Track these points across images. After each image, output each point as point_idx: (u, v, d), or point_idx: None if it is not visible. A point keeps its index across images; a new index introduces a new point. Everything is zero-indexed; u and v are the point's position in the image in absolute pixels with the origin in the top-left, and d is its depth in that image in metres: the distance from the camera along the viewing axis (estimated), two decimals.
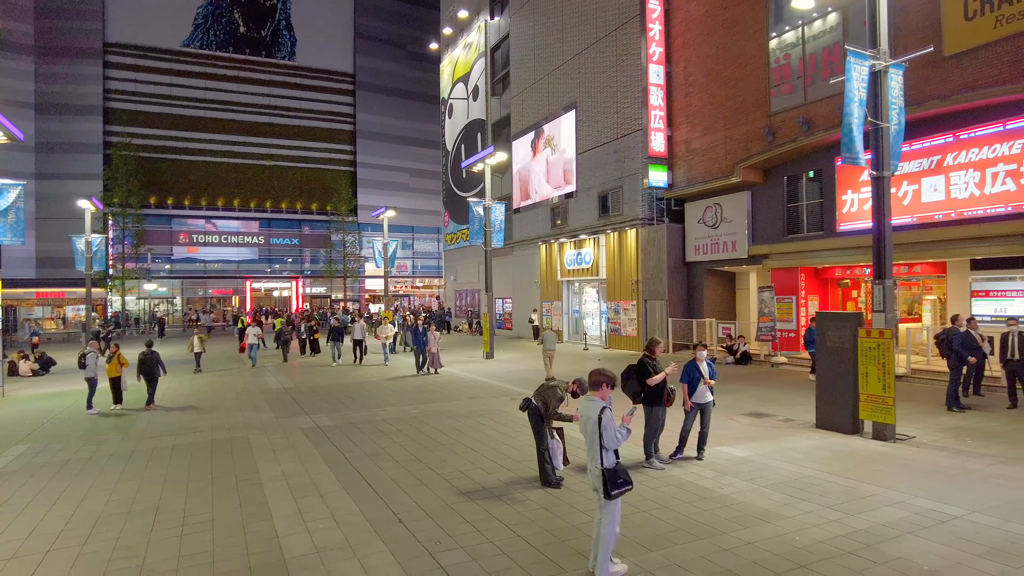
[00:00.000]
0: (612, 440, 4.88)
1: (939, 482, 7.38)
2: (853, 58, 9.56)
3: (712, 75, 20.95)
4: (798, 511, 6.47)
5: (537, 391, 8.04)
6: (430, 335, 18.52)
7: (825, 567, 5.16)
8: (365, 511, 6.77)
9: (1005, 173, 14.04)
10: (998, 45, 13.68)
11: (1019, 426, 10.23)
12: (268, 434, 10.78)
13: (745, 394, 13.98)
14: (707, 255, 22.03)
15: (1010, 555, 5.33)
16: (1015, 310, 14.79)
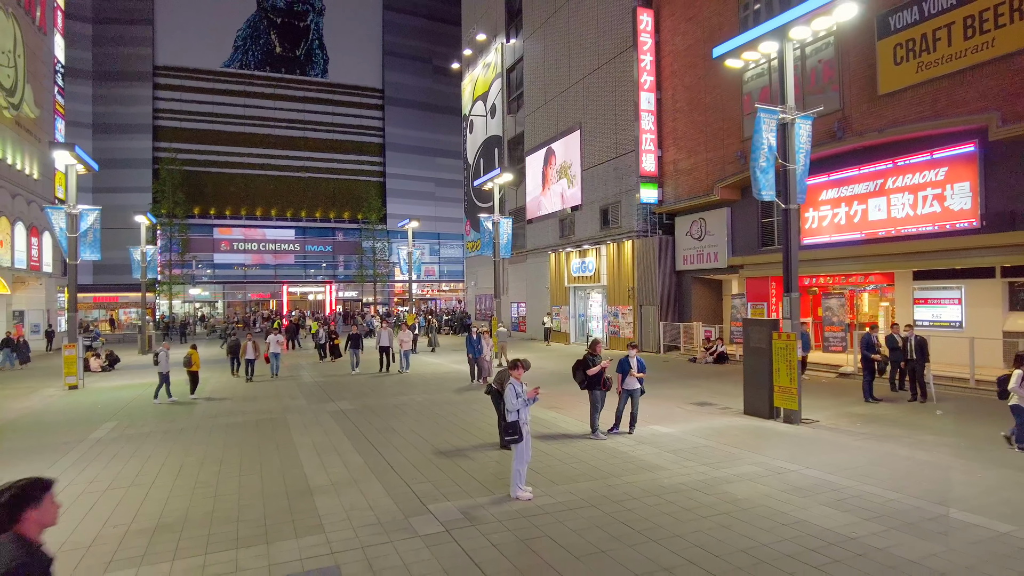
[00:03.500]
0: (511, 405, 7.41)
1: (806, 450, 9.69)
2: (763, 113, 11.86)
3: (694, 103, 23.23)
4: (679, 466, 8.88)
5: (496, 377, 10.55)
6: (484, 342, 17.75)
7: (671, 496, 7.59)
8: (369, 463, 9.40)
9: (933, 196, 16.11)
10: (920, 87, 15.78)
11: (908, 414, 12.40)
12: (301, 415, 13.52)
13: (704, 388, 16.26)
14: (694, 265, 24.28)
15: (807, 491, 7.67)
16: (948, 316, 16.83)
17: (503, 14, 39.35)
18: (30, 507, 2.77)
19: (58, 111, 37.71)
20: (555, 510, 7.11)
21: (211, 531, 6.76)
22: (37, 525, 2.78)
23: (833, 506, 7.10)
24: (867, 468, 8.59)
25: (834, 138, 18.03)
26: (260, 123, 58.84)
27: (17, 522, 2.73)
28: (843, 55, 17.95)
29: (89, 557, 6.13)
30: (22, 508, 2.75)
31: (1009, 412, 9.52)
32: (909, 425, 11.37)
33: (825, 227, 19.00)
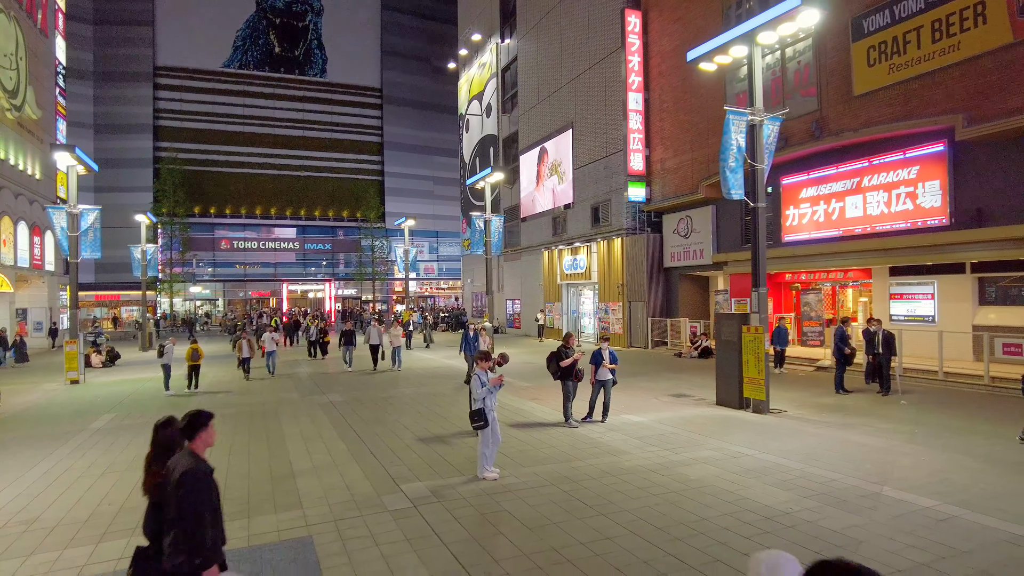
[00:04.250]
0: (477, 394, 7.96)
1: (766, 437, 10.21)
2: (732, 115, 12.36)
3: (680, 103, 23.72)
4: (641, 451, 9.41)
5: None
6: (481, 340, 17.69)
7: (628, 476, 8.12)
8: (351, 449, 9.95)
9: (906, 194, 16.60)
10: (892, 88, 16.27)
11: (874, 405, 12.91)
12: (292, 407, 14.07)
13: (683, 380, 16.78)
14: (681, 262, 24.79)
15: (756, 473, 8.19)
16: (922, 310, 17.34)
17: (498, 14, 39.83)
18: (202, 430, 3.98)
19: (59, 112, 38.30)
20: (517, 488, 7.65)
21: None
22: (203, 443, 3.98)
23: (778, 486, 7.62)
24: (819, 453, 9.12)
25: (812, 137, 18.52)
26: (260, 123, 59.40)
27: (192, 440, 3.96)
28: (820, 57, 18.44)
29: (85, 530, 6.68)
30: (196, 430, 3.97)
31: (973, 402, 10.03)
32: (872, 415, 11.88)
33: (805, 224, 19.49)
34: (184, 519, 3.66)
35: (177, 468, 3.80)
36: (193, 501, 3.69)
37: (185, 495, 3.67)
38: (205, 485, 3.79)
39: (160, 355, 17.20)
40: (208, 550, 3.72)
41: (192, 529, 3.66)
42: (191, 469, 3.75)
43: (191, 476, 3.73)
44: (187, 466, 3.76)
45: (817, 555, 5.56)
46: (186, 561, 3.66)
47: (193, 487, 3.71)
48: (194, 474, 3.75)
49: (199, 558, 3.68)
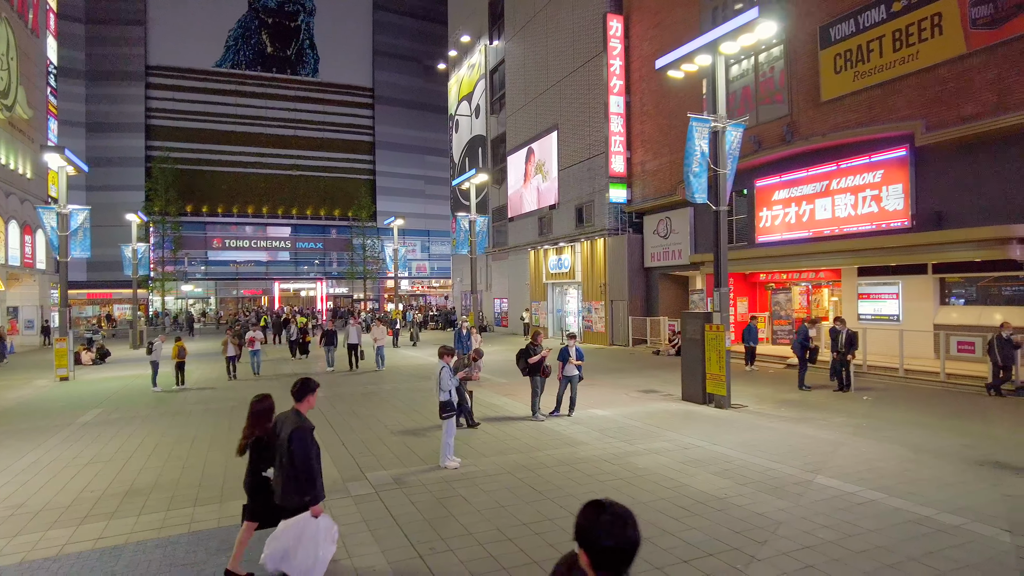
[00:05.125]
0: (445, 385, 8.46)
1: (721, 430, 10.75)
2: (695, 122, 12.88)
3: (659, 107, 24.26)
4: (600, 442, 9.94)
5: (454, 366, 11.58)
6: (473, 339, 17.67)
7: (581, 465, 8.65)
8: (324, 440, 10.40)
9: (871, 197, 17.17)
10: (857, 95, 16.84)
11: (834, 400, 13.46)
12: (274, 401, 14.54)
13: (656, 377, 17.32)
14: (661, 262, 25.34)
15: (702, 463, 8.72)
16: (888, 310, 17.91)
17: (487, 16, 40.27)
18: (310, 394, 5.14)
19: (51, 111, 38.60)
20: (475, 476, 8.17)
21: (175, 494, 7.80)
22: (307, 406, 5.11)
23: (718, 474, 8.16)
24: (767, 445, 9.65)
25: (784, 141, 19.08)
26: (252, 122, 59.71)
27: (300, 402, 5.09)
28: (791, 63, 18.99)
29: (67, 514, 7.16)
30: (305, 394, 5.12)
31: (926, 397, 10.57)
32: (829, 409, 12.42)
33: (778, 226, 20.05)
34: (295, 466, 4.75)
35: (286, 426, 4.93)
36: (303, 451, 4.77)
37: (296, 447, 4.75)
38: (310, 438, 4.87)
39: (148, 352, 17.66)
40: (316, 490, 4.84)
41: (302, 473, 4.75)
42: (299, 427, 4.85)
43: (299, 432, 4.82)
44: (295, 424, 4.88)
45: (738, 535, 6.14)
46: (298, 498, 4.78)
47: (301, 440, 4.79)
48: (301, 431, 4.84)
49: (309, 495, 4.78)
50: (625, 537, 1.89)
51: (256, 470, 5.37)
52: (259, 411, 5.50)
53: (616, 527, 1.90)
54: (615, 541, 1.88)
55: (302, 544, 4.73)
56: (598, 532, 1.91)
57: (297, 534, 4.76)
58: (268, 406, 5.55)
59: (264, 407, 5.52)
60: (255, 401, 5.58)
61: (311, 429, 4.92)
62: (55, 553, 6.04)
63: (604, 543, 1.89)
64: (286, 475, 4.85)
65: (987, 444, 9.41)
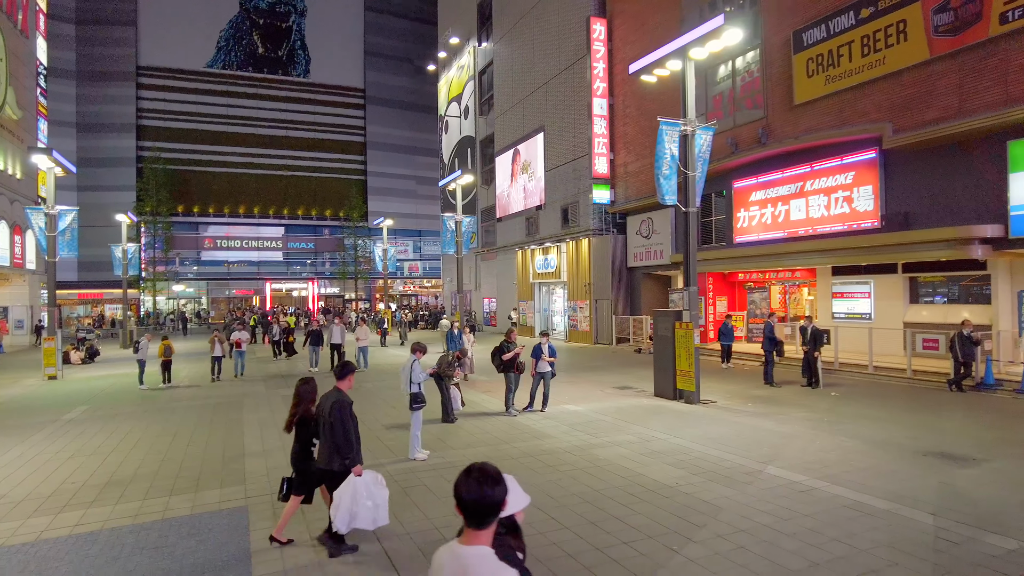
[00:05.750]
0: (417, 377, 8.84)
1: (686, 424, 11.13)
2: (665, 126, 13.26)
3: (641, 109, 24.66)
4: (567, 436, 10.32)
5: (438, 362, 11.95)
6: (465, 338, 17.82)
7: (544, 456, 9.02)
8: None
9: (843, 198, 17.60)
10: (829, 98, 17.28)
11: (801, 396, 13.86)
12: (256, 399, 14.88)
13: (633, 374, 17.71)
14: (643, 261, 25.75)
15: (660, 454, 9.11)
16: (860, 308, 18.36)
17: (475, 18, 40.61)
18: (350, 375, 6.14)
19: (41, 112, 38.76)
20: (440, 467, 8.53)
21: (152, 484, 8.14)
22: (347, 384, 6.07)
23: (674, 465, 8.54)
24: (727, 438, 10.04)
25: (760, 143, 19.49)
26: (243, 122, 59.86)
27: (341, 380, 6.04)
28: (767, 67, 19.42)
29: (47, 503, 7.49)
30: (346, 375, 6.11)
31: (891, 393, 10.97)
32: (795, 405, 12.81)
33: (754, 226, 20.47)
34: (336, 434, 5.67)
35: (329, 400, 5.81)
36: (343, 421, 5.67)
37: (337, 417, 5.66)
38: (349, 410, 5.78)
39: (135, 351, 17.96)
40: (355, 453, 5.77)
41: (342, 439, 5.66)
42: (340, 400, 5.79)
43: (340, 404, 5.74)
44: (336, 399, 5.80)
45: (680, 519, 6.51)
46: (339, 461, 5.69)
47: (341, 412, 5.70)
48: (341, 404, 5.75)
49: (348, 458, 5.70)
50: (481, 493, 2.25)
51: (304, 444, 6.11)
52: (303, 391, 6.24)
53: (474, 485, 2.26)
54: (473, 496, 2.24)
55: (358, 501, 5.58)
56: (461, 489, 2.27)
57: (352, 494, 5.59)
58: (312, 387, 6.31)
59: (308, 388, 6.27)
60: (300, 383, 6.34)
61: (350, 403, 5.85)
62: (33, 539, 6.37)
63: (465, 497, 2.25)
64: (329, 442, 5.75)
65: (936, 436, 9.82)
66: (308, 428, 6.11)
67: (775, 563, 5.42)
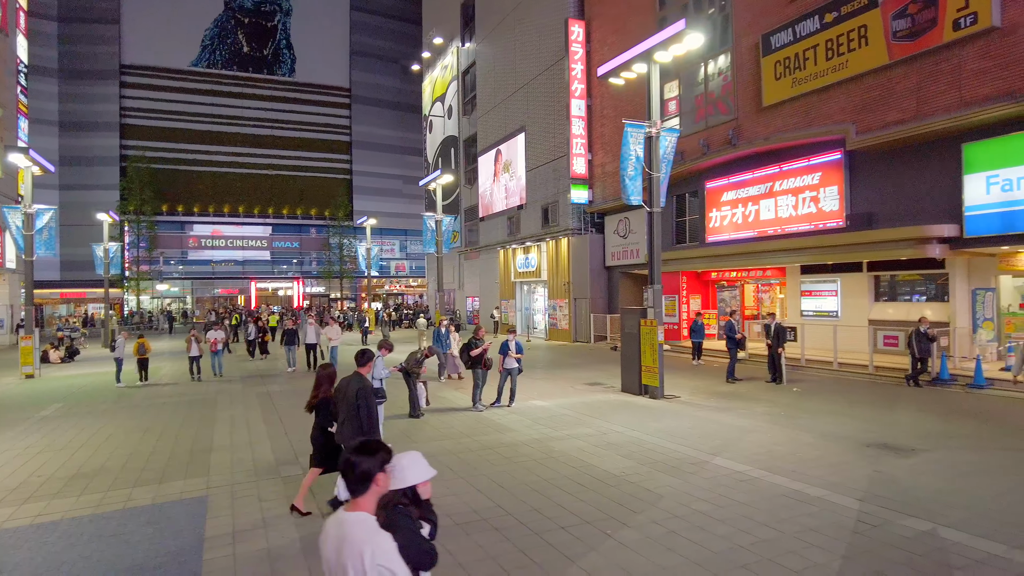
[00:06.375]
0: (379, 374, 9.10)
1: (646, 418, 11.44)
2: (629, 128, 13.57)
3: (617, 110, 24.99)
4: (528, 429, 10.60)
5: (406, 359, 12.21)
6: (452, 337, 17.33)
7: (502, 449, 9.30)
8: (270, 431, 11.01)
9: (810, 198, 18.00)
10: (796, 100, 17.68)
11: (763, 391, 14.21)
12: (230, 396, 15.07)
13: (605, 371, 18.02)
14: (621, 261, 26.10)
15: (614, 446, 9.40)
16: (828, 306, 18.77)
17: (459, 18, 40.81)
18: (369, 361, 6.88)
19: (21, 110, 38.55)
20: None
21: (117, 477, 8.34)
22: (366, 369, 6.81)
23: (626, 456, 8.84)
24: (683, 431, 10.36)
25: (730, 144, 19.87)
26: (229, 121, 59.73)
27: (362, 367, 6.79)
28: (737, 70, 19.80)
29: (13, 495, 7.68)
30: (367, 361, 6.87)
31: (852, 388, 11.31)
32: (756, 400, 13.15)
33: (726, 226, 20.84)
34: (359, 415, 6.25)
35: (351, 385, 6.41)
36: (365, 403, 6.28)
37: (360, 400, 6.26)
38: (371, 395, 6.39)
39: (112, 350, 18.07)
40: (376, 433, 6.41)
41: (365, 421, 6.26)
42: (364, 386, 6.40)
43: (363, 390, 6.34)
44: (360, 384, 6.41)
45: (620, 507, 6.80)
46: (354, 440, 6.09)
47: (365, 397, 6.30)
48: (364, 389, 6.36)
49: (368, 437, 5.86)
50: (348, 463, 2.63)
51: (323, 425, 6.78)
52: (323, 376, 6.98)
53: (345, 455, 2.62)
54: (343, 466, 2.62)
55: None
56: (340, 460, 2.60)
57: None
58: (331, 372, 7.04)
59: (328, 373, 7.01)
60: (320, 368, 7.11)
61: (371, 387, 6.52)
62: None
63: (340, 467, 2.58)
64: (352, 422, 6.31)
65: (883, 429, 10.18)
66: (327, 409, 6.78)
67: (701, 546, 5.72)
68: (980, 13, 13.30)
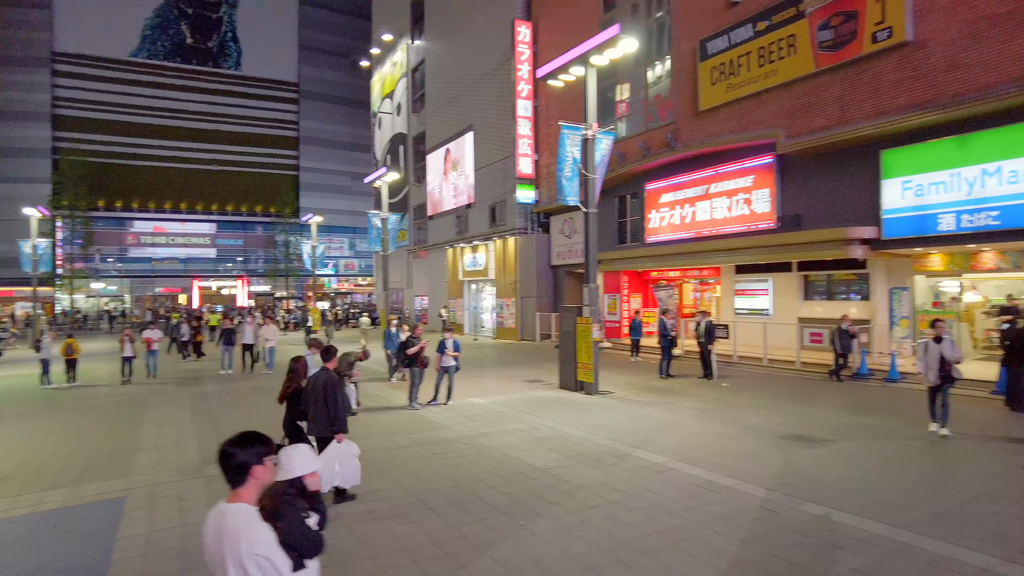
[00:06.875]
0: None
1: (578, 414, 11.68)
2: (567, 130, 13.81)
3: (562, 111, 25.27)
4: (462, 426, 10.71)
5: (339, 360, 12.11)
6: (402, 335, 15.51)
7: (432, 446, 9.39)
8: (198, 431, 10.83)
9: (743, 200, 18.62)
10: (730, 105, 18.26)
11: (694, 387, 14.65)
12: (162, 396, 14.71)
13: (547, 368, 18.22)
14: (566, 260, 26.45)
15: (542, 441, 9.60)
16: (760, 305, 19.45)
17: (409, 15, 40.57)
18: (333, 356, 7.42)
19: None
20: None
21: (30, 481, 8.09)
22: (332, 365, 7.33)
23: (552, 450, 9.04)
24: (612, 425, 10.63)
25: (669, 147, 20.38)
26: (171, 115, 57.92)
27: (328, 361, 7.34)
28: (676, 74, 20.32)
29: None
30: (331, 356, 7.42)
31: (779, 384, 11.73)
32: (687, 395, 13.54)
33: (664, 226, 21.37)
34: (328, 406, 6.69)
35: (320, 377, 6.87)
36: (333, 394, 6.72)
37: (328, 391, 6.70)
38: (339, 386, 6.88)
39: (37, 351, 17.38)
40: (341, 422, 6.79)
41: (333, 411, 6.70)
42: (332, 378, 6.88)
43: (332, 382, 6.81)
44: (328, 377, 6.88)
45: (539, 498, 6.96)
46: (329, 429, 6.72)
47: (333, 388, 6.76)
48: (333, 381, 6.84)
49: (335, 426, 6.74)
50: (221, 453, 2.78)
51: (293, 417, 7.19)
52: (296, 368, 7.37)
53: (221, 446, 2.70)
54: (219, 457, 2.71)
55: (339, 461, 6.65)
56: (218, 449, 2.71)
57: (333, 457, 6.62)
58: (303, 365, 7.44)
59: (300, 366, 7.40)
60: (293, 360, 7.50)
61: (337, 379, 6.97)
62: None
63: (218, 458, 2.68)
64: (321, 413, 6.74)
65: (802, 422, 10.66)
66: (298, 400, 7.13)
67: (610, 534, 5.93)
68: (895, 28, 14.03)
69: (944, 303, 16.29)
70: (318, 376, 6.95)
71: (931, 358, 9.46)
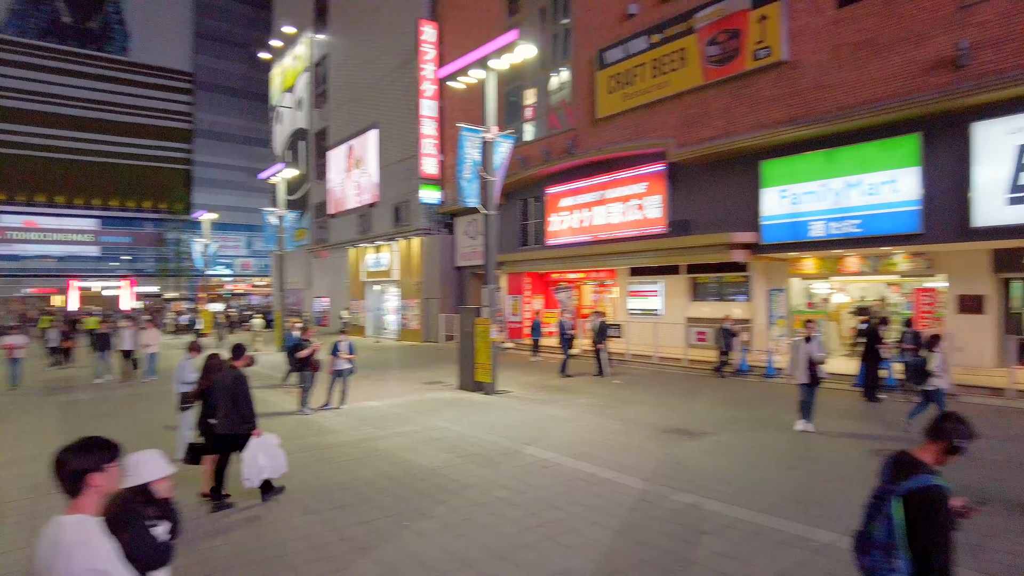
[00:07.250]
0: (186, 377, 8.63)
1: (473, 414, 11.75)
2: (466, 132, 13.90)
3: (466, 113, 25.33)
4: (354, 430, 10.53)
5: None
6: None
7: (324, 451, 9.18)
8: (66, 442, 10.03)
9: (637, 205, 19.38)
10: (626, 114, 19.00)
11: (589, 385, 15.09)
12: (26, 405, 13.55)
13: (448, 370, 18.06)
14: (470, 261, 26.54)
15: (435, 442, 9.60)
16: (652, 305, 20.27)
17: (312, 8, 39.40)
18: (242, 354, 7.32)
19: None
20: None
21: None
22: (243, 363, 7.24)
23: (445, 450, 9.06)
24: (506, 424, 10.78)
25: (568, 153, 20.91)
26: (44, 99, 53.34)
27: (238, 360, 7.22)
28: (576, 82, 20.89)
29: None
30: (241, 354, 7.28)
31: (667, 380, 12.21)
32: (581, 393, 13.94)
33: (564, 230, 21.90)
34: (238, 403, 6.72)
35: (229, 375, 6.91)
36: (244, 392, 6.75)
37: (237, 389, 6.74)
38: (247, 382, 6.86)
39: None
40: (254, 418, 6.82)
41: (244, 408, 6.73)
42: (240, 375, 6.90)
43: (241, 379, 6.82)
44: (236, 374, 6.91)
45: (427, 498, 6.96)
46: (242, 426, 6.73)
47: (243, 385, 6.78)
48: (241, 378, 6.85)
49: (248, 424, 6.76)
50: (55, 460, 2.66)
51: (205, 416, 7.24)
52: (210, 366, 7.55)
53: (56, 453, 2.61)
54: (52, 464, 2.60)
55: (264, 455, 6.77)
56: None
57: (256, 452, 6.72)
58: (217, 362, 7.52)
59: (214, 363, 7.53)
60: (208, 357, 7.71)
61: (246, 376, 6.95)
62: None
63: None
64: (232, 411, 6.74)
65: (684, 416, 11.23)
66: (209, 400, 7.22)
67: (492, 530, 6.03)
68: (772, 48, 15.09)
69: (816, 304, 17.67)
70: (226, 374, 7.02)
71: (800, 357, 10.19)
